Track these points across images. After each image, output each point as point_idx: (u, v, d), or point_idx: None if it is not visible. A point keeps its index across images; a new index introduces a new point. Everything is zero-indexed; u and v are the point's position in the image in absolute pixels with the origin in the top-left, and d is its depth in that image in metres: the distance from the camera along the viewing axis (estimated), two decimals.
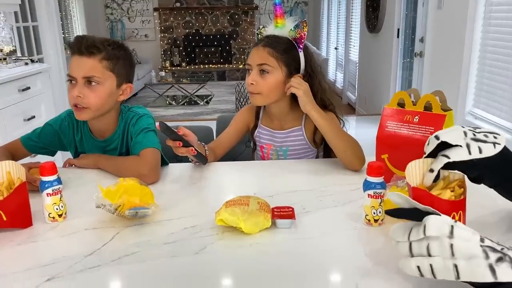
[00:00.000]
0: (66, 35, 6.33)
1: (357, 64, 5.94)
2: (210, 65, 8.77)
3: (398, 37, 4.67)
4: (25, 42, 4.31)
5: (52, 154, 1.50)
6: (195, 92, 6.81)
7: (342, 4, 6.63)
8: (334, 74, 7.32)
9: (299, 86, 1.30)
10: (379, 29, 5.08)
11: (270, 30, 1.38)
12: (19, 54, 3.73)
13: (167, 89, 6.81)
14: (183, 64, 8.70)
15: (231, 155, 1.62)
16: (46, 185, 0.96)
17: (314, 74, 1.39)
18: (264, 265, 0.82)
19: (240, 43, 8.86)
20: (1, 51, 3.18)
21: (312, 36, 8.69)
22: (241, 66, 8.76)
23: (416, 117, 1.08)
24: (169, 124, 1.19)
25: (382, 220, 0.93)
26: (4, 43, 3.27)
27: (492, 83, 2.94)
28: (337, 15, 7.06)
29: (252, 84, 1.36)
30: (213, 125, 1.84)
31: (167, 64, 8.55)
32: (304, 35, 1.34)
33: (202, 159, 1.29)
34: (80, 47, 1.25)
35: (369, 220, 0.93)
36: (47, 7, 4.54)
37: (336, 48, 7.10)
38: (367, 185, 0.92)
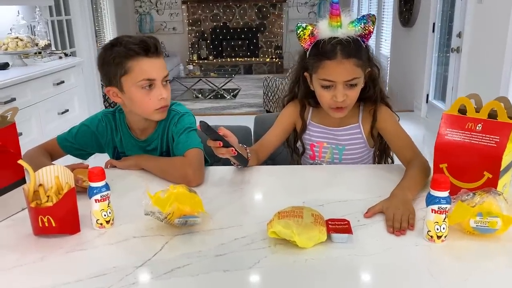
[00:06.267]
0: (97, 28, 6.38)
1: (389, 59, 5.79)
2: (237, 59, 8.72)
3: (433, 31, 4.51)
4: (58, 36, 4.37)
5: (85, 158, 1.46)
6: (222, 85, 6.78)
7: None
8: None
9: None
10: (413, 23, 4.92)
11: (324, 30, 1.24)
12: (53, 48, 3.77)
13: (195, 83, 6.80)
14: (210, 57, 8.69)
15: (270, 156, 1.57)
16: (95, 191, 0.94)
17: (376, 66, 1.33)
18: (321, 283, 0.77)
19: (267, 36, 8.77)
20: (37, 45, 3.21)
21: None
22: (267, 60, 8.69)
23: (479, 125, 1.01)
24: (208, 121, 1.14)
25: (445, 236, 0.87)
26: (39, 37, 3.30)
27: None
28: (368, 8, 6.89)
29: (343, 100, 1.26)
30: (244, 120, 1.78)
31: (194, 57, 8.56)
32: (373, 29, 1.25)
33: (242, 161, 1.24)
34: (148, 49, 1.23)
35: (431, 237, 0.87)
36: (80, 1, 4.58)
37: None
38: (431, 200, 0.86)
